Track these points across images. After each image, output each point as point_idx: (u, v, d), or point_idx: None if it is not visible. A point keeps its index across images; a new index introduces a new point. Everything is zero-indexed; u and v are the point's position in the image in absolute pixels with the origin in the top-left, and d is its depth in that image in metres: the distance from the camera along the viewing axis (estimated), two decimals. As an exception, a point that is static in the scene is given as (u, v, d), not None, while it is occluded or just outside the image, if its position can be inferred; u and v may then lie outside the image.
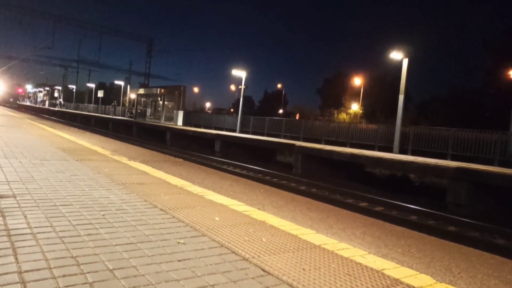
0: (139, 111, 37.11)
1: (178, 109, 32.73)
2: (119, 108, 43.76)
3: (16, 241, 2.10)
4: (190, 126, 30.06)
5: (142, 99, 37.99)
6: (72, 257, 1.95)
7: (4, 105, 62.96)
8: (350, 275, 2.06)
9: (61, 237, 2.22)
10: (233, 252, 2.24)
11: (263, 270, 2.02)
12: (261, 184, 10.21)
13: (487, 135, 14.76)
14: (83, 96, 68.27)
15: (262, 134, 24.01)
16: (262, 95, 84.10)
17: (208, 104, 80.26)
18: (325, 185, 12.31)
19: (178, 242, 2.33)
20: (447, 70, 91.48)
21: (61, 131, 11.23)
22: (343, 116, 51.44)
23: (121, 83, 50.79)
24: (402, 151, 16.68)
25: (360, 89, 45.00)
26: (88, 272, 1.78)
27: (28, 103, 75.50)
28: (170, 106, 34.39)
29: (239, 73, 27.10)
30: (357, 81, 45.16)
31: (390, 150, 16.88)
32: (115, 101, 45.27)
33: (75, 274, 1.75)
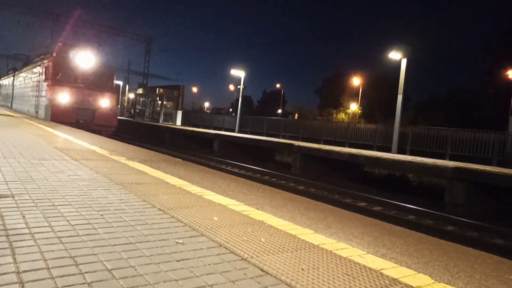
0: (137, 110, 37.09)
1: (176, 108, 32.73)
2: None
3: (14, 241, 2.09)
4: (189, 126, 30.06)
5: (141, 99, 37.99)
6: (70, 257, 1.95)
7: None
8: (348, 275, 2.07)
9: (60, 237, 2.21)
10: (232, 252, 2.24)
11: (261, 270, 2.02)
12: (259, 184, 10.17)
13: (486, 135, 14.81)
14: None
15: (261, 134, 24.03)
16: (261, 95, 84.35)
17: (206, 104, 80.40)
18: (324, 185, 12.33)
19: (177, 242, 2.32)
20: (446, 71, 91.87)
21: (59, 131, 11.21)
22: (341, 116, 51.51)
23: (120, 82, 50.71)
24: (401, 151, 16.72)
25: (359, 89, 45.06)
26: (87, 272, 1.78)
27: None
28: (168, 105, 34.38)
29: (238, 73, 27.13)
30: (356, 81, 45.25)
31: (388, 150, 16.91)
32: None
33: (74, 274, 1.75)
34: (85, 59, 18.20)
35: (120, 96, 49.49)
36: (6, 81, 33.05)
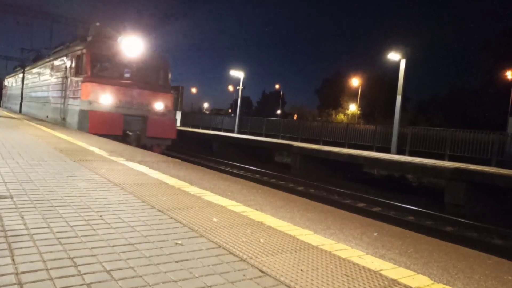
0: (137, 111, 36.94)
1: (176, 109, 32.68)
2: None
3: (13, 242, 2.09)
4: (188, 126, 30.05)
5: (140, 100, 37.81)
6: (69, 258, 1.94)
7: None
8: (347, 276, 2.07)
9: (59, 238, 2.21)
10: (231, 253, 2.24)
11: (261, 271, 2.02)
12: (259, 184, 10.17)
13: (485, 135, 14.83)
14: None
15: (260, 135, 24.03)
16: (260, 96, 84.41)
17: (206, 105, 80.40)
18: (323, 185, 12.33)
19: (176, 243, 2.32)
20: (446, 71, 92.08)
21: (58, 131, 11.20)
22: (341, 116, 51.55)
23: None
24: (400, 151, 16.73)
25: (358, 89, 45.08)
26: (86, 273, 1.78)
27: None
28: (168, 106, 34.20)
29: (237, 73, 27.16)
30: (356, 81, 45.26)
31: (388, 150, 16.91)
32: None
33: (73, 275, 1.75)
34: (132, 45, 13.06)
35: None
36: (13, 79, 27.20)
